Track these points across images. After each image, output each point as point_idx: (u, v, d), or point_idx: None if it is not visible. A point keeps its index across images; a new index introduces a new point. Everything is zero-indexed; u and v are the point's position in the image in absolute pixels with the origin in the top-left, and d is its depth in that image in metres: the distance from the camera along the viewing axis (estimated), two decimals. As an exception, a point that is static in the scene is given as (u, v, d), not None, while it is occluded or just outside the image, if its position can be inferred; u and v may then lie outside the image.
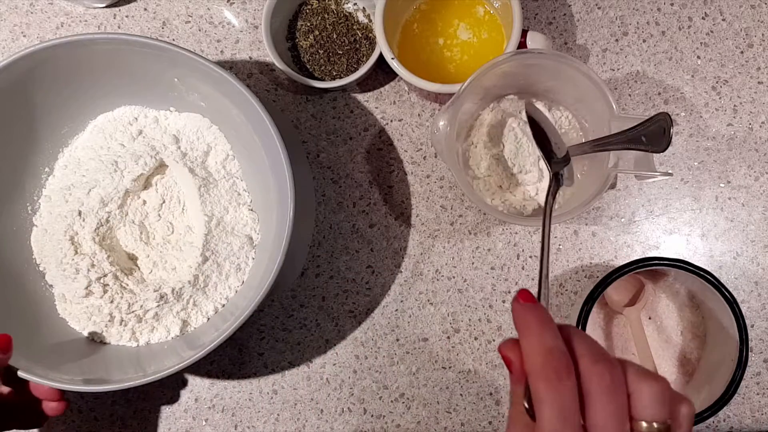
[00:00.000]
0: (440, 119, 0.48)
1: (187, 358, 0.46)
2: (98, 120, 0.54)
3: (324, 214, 0.59)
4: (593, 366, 0.30)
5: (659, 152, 0.45)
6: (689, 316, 0.55)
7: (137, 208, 0.54)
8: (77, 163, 0.54)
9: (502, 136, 0.54)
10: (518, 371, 0.31)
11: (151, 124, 0.54)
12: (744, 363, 0.49)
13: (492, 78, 0.49)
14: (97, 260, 0.51)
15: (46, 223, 0.53)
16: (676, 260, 0.50)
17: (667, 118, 0.44)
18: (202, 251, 0.51)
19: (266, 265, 0.49)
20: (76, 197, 0.52)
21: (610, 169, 0.48)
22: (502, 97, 0.55)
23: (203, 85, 0.50)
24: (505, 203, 0.54)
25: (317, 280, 0.58)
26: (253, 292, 0.48)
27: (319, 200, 0.59)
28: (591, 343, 0.31)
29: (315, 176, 0.59)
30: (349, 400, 0.58)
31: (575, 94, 0.52)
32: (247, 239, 0.53)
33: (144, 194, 0.54)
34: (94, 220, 0.52)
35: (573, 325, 0.33)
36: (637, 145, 0.45)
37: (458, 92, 0.47)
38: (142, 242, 0.53)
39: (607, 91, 0.47)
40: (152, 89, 0.52)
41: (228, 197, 0.54)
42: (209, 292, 0.52)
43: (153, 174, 0.54)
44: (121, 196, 0.52)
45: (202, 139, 0.54)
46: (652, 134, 0.45)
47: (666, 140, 0.44)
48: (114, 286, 0.51)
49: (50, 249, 0.52)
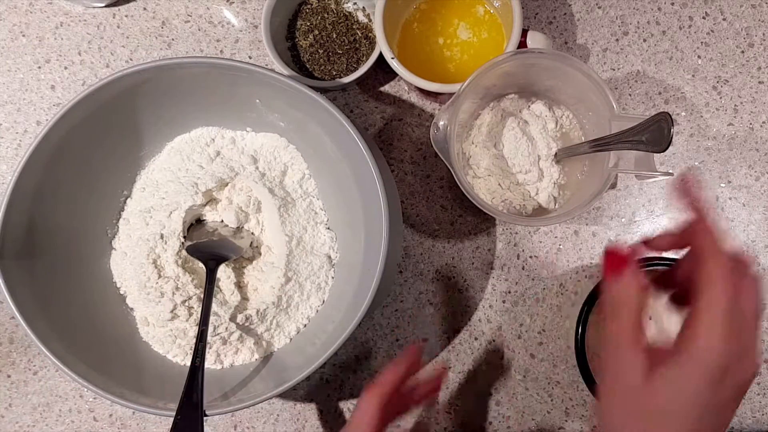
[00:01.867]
0: (440, 118, 0.48)
1: (274, 387, 0.45)
2: (175, 142, 0.54)
3: (324, 214, 0.59)
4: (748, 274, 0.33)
5: (660, 152, 0.45)
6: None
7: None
8: (155, 186, 0.53)
9: (502, 135, 0.54)
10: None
11: (229, 145, 0.54)
12: (745, 363, 0.49)
13: (492, 77, 0.49)
14: (181, 283, 0.50)
15: (126, 246, 0.53)
16: (676, 260, 0.50)
17: (667, 117, 0.44)
18: (284, 271, 0.51)
19: (356, 287, 0.49)
20: (156, 220, 0.52)
21: (611, 168, 0.48)
22: (503, 97, 0.55)
23: (285, 105, 0.50)
24: (506, 203, 0.54)
25: (317, 280, 0.58)
26: (342, 315, 0.48)
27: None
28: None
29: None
30: (349, 401, 0.58)
31: (575, 94, 0.52)
32: (326, 258, 0.53)
33: (224, 215, 0.54)
34: (176, 242, 0.51)
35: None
36: (637, 145, 0.45)
37: (458, 92, 0.47)
38: (223, 264, 0.53)
39: (608, 90, 0.47)
40: (230, 110, 0.52)
41: (306, 216, 0.53)
42: (291, 312, 0.52)
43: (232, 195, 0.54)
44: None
45: (279, 159, 0.54)
46: (653, 134, 0.45)
47: (666, 140, 0.44)
48: (199, 309, 0.50)
49: (132, 272, 0.51)
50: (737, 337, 0.32)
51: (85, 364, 0.46)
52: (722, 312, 0.32)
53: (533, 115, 0.54)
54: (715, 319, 0.32)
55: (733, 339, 0.32)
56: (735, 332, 0.32)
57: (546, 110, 0.54)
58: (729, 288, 0.32)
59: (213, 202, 0.54)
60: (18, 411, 0.59)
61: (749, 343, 0.33)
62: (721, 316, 0.32)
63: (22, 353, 0.60)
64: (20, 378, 0.60)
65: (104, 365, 0.47)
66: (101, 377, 0.46)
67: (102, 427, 0.59)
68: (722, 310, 0.32)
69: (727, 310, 0.32)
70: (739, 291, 0.32)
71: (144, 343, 0.51)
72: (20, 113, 0.60)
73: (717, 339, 0.32)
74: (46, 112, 0.61)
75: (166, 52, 0.60)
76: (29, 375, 0.60)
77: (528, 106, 0.54)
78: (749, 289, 0.33)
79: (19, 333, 0.60)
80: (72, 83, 0.61)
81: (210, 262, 0.50)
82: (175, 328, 0.50)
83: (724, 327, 0.32)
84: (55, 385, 0.59)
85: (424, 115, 0.59)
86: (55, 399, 0.59)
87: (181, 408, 0.43)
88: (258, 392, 0.46)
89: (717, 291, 0.32)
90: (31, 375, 0.60)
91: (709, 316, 0.32)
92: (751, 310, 0.33)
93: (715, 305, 0.32)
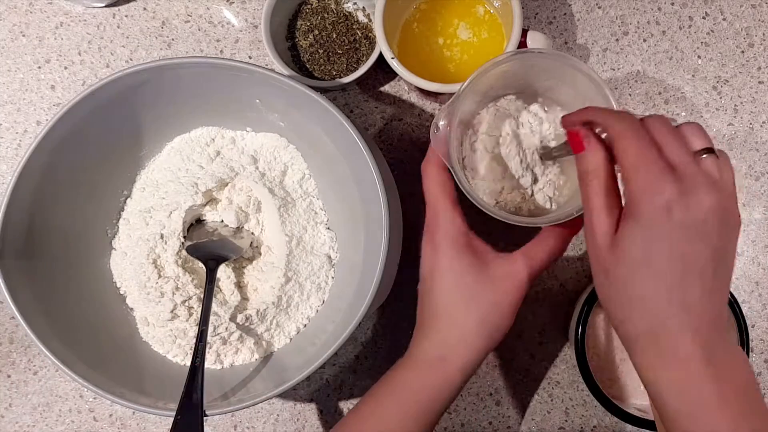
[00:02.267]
0: (440, 119, 0.48)
1: (274, 387, 0.45)
2: (175, 142, 0.54)
3: (324, 214, 0.59)
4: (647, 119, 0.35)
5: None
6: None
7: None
8: (155, 186, 0.53)
9: (500, 137, 0.54)
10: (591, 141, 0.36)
11: (229, 145, 0.54)
12: (745, 363, 0.49)
13: (491, 78, 0.49)
14: (181, 283, 0.50)
15: (126, 246, 0.53)
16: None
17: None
18: (284, 271, 0.51)
19: (356, 287, 0.49)
20: (156, 220, 0.52)
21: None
22: (501, 97, 0.55)
23: (285, 105, 0.50)
24: (504, 203, 0.54)
25: (317, 280, 0.58)
26: (343, 315, 0.48)
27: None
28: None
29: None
30: (349, 401, 0.58)
31: (575, 94, 0.52)
32: (326, 258, 0.53)
33: (224, 215, 0.54)
34: (176, 242, 0.51)
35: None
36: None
37: (458, 92, 0.47)
38: (223, 264, 0.53)
39: (608, 90, 0.47)
40: (230, 110, 0.52)
41: (306, 216, 0.53)
42: (291, 312, 0.52)
43: (231, 195, 0.54)
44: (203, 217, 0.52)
45: (279, 159, 0.54)
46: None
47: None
48: (199, 309, 0.50)
49: (131, 272, 0.51)
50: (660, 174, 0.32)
51: (85, 363, 0.46)
52: (634, 156, 0.32)
53: (529, 117, 0.54)
54: (631, 167, 0.33)
55: (657, 178, 0.32)
56: (656, 172, 0.32)
57: (542, 112, 0.54)
58: (634, 134, 0.33)
59: (213, 202, 0.54)
60: (18, 411, 0.59)
61: (689, 177, 0.32)
62: (634, 160, 0.32)
63: (22, 353, 0.60)
64: (20, 378, 0.60)
65: (104, 365, 0.47)
66: (101, 377, 0.46)
67: (102, 427, 0.59)
68: (633, 155, 0.32)
69: (639, 154, 0.32)
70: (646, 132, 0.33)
71: (144, 343, 0.51)
72: (20, 113, 0.60)
73: (640, 184, 0.32)
74: (46, 112, 0.61)
75: (166, 52, 0.60)
76: (29, 375, 0.60)
77: (526, 107, 0.55)
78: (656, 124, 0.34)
79: (19, 333, 0.60)
80: (72, 83, 0.61)
81: (210, 262, 0.50)
82: (175, 328, 0.50)
83: (641, 172, 0.32)
84: (55, 385, 0.59)
85: (424, 115, 0.59)
86: (55, 399, 0.59)
87: (181, 408, 0.43)
88: (258, 392, 0.46)
89: (625, 142, 0.33)
90: (31, 375, 0.60)
91: (626, 167, 0.33)
92: (674, 144, 0.33)
93: (627, 154, 0.33)
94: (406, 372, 0.43)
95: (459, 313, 0.43)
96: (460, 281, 0.43)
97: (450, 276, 0.43)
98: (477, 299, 0.43)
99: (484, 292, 0.43)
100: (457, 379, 0.42)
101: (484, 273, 0.44)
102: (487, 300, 0.43)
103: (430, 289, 0.44)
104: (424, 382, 0.42)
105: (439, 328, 0.43)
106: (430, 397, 0.41)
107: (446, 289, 0.43)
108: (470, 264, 0.43)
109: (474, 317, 0.42)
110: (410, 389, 0.42)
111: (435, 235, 0.45)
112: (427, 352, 0.43)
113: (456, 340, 0.42)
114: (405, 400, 0.42)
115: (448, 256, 0.44)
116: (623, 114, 0.34)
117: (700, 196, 0.32)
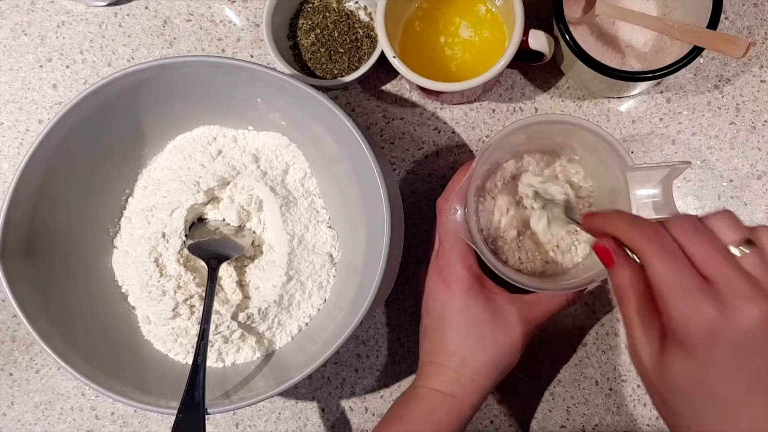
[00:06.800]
0: (455, 203, 0.46)
1: (276, 385, 0.46)
2: (176, 140, 0.54)
3: (325, 212, 0.59)
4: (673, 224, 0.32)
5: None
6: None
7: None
8: (157, 184, 0.53)
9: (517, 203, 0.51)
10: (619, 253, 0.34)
11: (230, 144, 0.54)
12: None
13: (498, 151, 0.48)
14: (183, 282, 0.50)
15: (127, 244, 0.53)
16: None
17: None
18: (286, 270, 0.51)
19: (358, 285, 0.49)
20: (158, 218, 0.52)
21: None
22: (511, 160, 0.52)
23: (287, 104, 0.50)
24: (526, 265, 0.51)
25: (318, 278, 0.58)
26: (344, 313, 0.48)
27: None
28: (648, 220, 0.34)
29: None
30: (350, 399, 0.58)
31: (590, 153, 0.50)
32: (328, 257, 0.53)
33: (225, 214, 0.54)
34: (178, 241, 0.51)
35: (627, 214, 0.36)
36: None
37: (470, 173, 0.45)
38: (225, 262, 0.52)
39: (619, 146, 0.45)
40: (231, 109, 0.52)
41: (307, 215, 0.53)
42: (293, 311, 0.52)
43: (233, 193, 0.54)
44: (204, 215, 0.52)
45: (281, 158, 0.54)
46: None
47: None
48: (201, 307, 0.50)
49: (133, 271, 0.51)
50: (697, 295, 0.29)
51: (87, 362, 0.46)
52: (665, 281, 0.30)
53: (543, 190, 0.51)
54: (664, 292, 0.30)
55: (694, 302, 0.29)
56: (691, 295, 0.29)
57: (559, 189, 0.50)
58: (661, 254, 0.30)
59: (215, 201, 0.54)
60: (20, 409, 0.59)
61: (728, 289, 0.29)
62: (666, 285, 0.30)
63: (24, 351, 0.60)
64: (22, 376, 0.60)
65: (106, 363, 0.48)
66: (103, 375, 0.46)
67: (104, 425, 0.59)
68: (665, 280, 0.30)
69: (670, 276, 0.30)
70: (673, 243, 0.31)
71: (146, 341, 0.52)
72: (22, 112, 0.61)
73: (677, 310, 0.30)
74: (48, 111, 0.61)
75: (167, 51, 0.60)
76: (31, 373, 0.60)
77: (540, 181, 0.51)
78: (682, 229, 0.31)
79: (21, 331, 0.60)
80: (74, 82, 0.61)
81: (212, 261, 0.50)
82: (177, 326, 0.50)
83: (677, 297, 0.30)
84: (57, 384, 0.60)
85: (425, 113, 0.59)
86: (56, 397, 0.59)
87: (183, 406, 0.43)
88: (259, 390, 0.46)
89: (655, 266, 0.31)
90: (33, 373, 0.60)
91: (660, 292, 0.30)
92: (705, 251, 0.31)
93: (658, 279, 0.30)
94: (419, 404, 0.45)
95: (471, 355, 0.45)
96: (472, 323, 0.45)
97: (463, 318, 0.45)
98: (489, 341, 0.45)
99: (496, 334, 0.45)
100: (468, 414, 0.45)
101: (497, 317, 0.45)
102: (498, 342, 0.45)
103: (442, 328, 0.46)
104: (439, 417, 0.45)
105: (451, 367, 0.45)
106: (440, 430, 0.45)
107: (459, 330, 0.45)
108: (484, 307, 0.45)
109: (486, 359, 0.45)
110: (425, 421, 0.45)
111: (449, 273, 0.46)
112: (440, 389, 0.45)
113: (468, 379, 0.45)
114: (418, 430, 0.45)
115: (462, 297, 0.45)
116: (646, 228, 0.32)
117: (743, 311, 0.29)
